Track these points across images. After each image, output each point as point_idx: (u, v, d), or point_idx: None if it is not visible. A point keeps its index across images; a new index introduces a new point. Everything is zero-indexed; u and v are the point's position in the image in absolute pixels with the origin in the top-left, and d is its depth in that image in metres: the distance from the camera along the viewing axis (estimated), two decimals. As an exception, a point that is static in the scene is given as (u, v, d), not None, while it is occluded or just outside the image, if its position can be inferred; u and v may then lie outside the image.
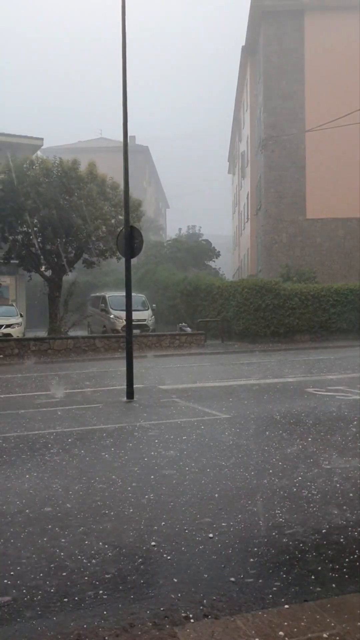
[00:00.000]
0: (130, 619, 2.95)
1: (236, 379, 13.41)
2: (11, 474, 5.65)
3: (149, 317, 23.84)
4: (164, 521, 4.30)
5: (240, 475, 5.42)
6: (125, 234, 11.01)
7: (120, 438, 7.21)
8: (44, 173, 21.14)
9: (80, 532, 4.12)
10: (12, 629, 2.90)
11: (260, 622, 2.83)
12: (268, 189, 32.47)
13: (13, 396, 11.24)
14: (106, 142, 54.22)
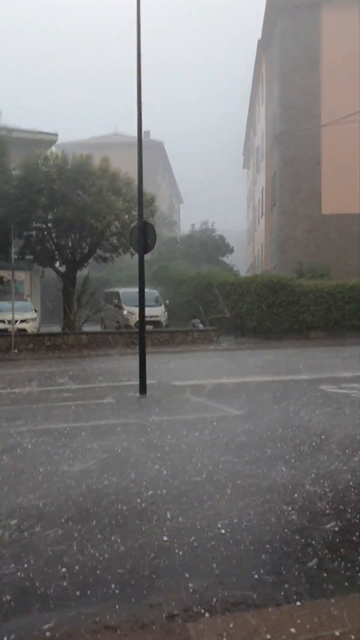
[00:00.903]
0: (142, 614, 2.95)
1: (249, 375, 13.38)
2: (24, 467, 5.68)
3: (162, 313, 23.85)
4: (176, 516, 4.30)
5: (252, 472, 5.40)
6: (138, 229, 11.01)
7: (132, 433, 7.23)
8: (58, 169, 21.20)
9: (92, 525, 4.14)
10: (24, 621, 2.92)
11: (272, 619, 2.83)
12: (283, 184, 32.32)
13: (28, 390, 11.30)
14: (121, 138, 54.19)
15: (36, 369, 15.16)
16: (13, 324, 20.07)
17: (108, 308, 25.17)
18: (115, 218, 21.44)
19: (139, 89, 10.94)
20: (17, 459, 6.00)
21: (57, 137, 30.48)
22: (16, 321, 20.38)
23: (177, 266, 31.02)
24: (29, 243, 22.24)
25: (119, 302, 23.94)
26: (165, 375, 13.15)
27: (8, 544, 3.86)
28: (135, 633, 2.75)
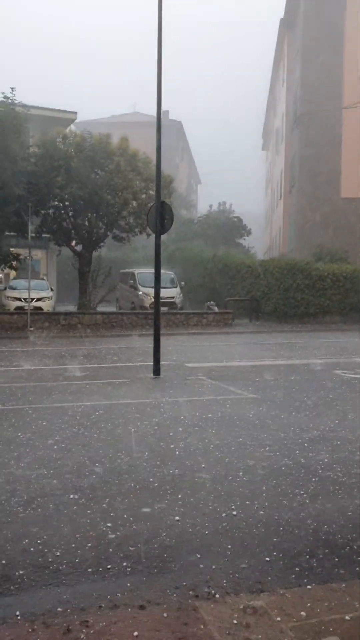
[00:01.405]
0: (153, 592, 2.98)
1: (263, 359, 13.35)
2: (40, 444, 5.73)
3: (177, 295, 23.80)
4: (188, 496, 4.32)
5: (265, 455, 5.41)
6: (155, 209, 10.95)
7: (146, 413, 7.25)
8: (76, 147, 21.11)
9: (105, 504, 4.17)
10: (37, 595, 2.95)
11: (283, 601, 2.84)
12: (302, 166, 31.94)
13: (43, 368, 11.38)
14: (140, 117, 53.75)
15: (51, 348, 15.25)
16: (29, 302, 20.17)
17: (123, 288, 25.16)
18: (133, 196, 21.33)
19: (159, 68, 10.80)
20: (32, 435, 6.05)
21: (76, 115, 30.28)
22: (32, 299, 20.47)
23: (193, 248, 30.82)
24: (46, 221, 22.24)
25: (135, 283, 23.92)
26: (179, 357, 13.16)
27: (18, 516, 3.90)
28: (146, 611, 2.78)
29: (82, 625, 2.63)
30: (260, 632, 2.56)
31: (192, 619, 2.67)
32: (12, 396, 8.37)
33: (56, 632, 2.58)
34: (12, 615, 2.77)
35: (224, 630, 2.58)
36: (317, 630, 2.58)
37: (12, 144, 19.14)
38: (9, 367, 11.65)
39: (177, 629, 2.59)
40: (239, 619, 2.67)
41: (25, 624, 2.67)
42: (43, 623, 2.67)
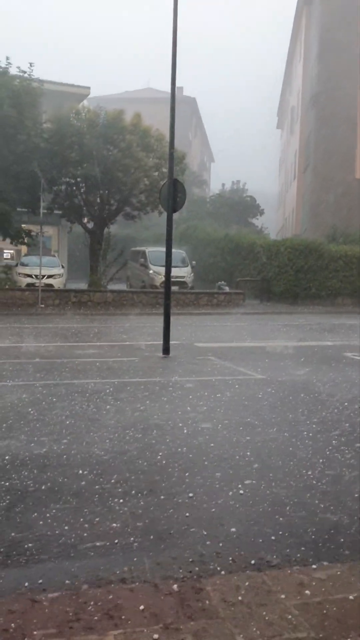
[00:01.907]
0: (159, 568, 3.02)
1: (273, 340, 13.34)
2: (50, 420, 5.78)
3: (188, 274, 23.74)
4: (195, 474, 4.35)
5: (273, 435, 5.43)
6: (168, 187, 10.87)
7: (155, 392, 7.29)
8: (89, 123, 20.96)
9: (113, 480, 4.21)
10: (43, 568, 3.00)
11: (287, 580, 2.87)
12: (318, 146, 31.53)
13: (53, 345, 11.44)
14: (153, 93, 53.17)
15: (62, 325, 15.31)
16: (40, 279, 20.22)
17: (134, 267, 25.13)
18: (145, 175, 21.21)
19: (174, 43, 10.64)
20: (42, 412, 6.11)
21: (89, 90, 30.03)
22: (43, 276, 20.52)
23: (205, 226, 30.66)
24: (58, 198, 22.19)
25: (145, 262, 23.88)
26: (189, 337, 13.18)
27: (27, 490, 3.95)
28: (151, 585, 2.82)
29: (89, 598, 2.68)
30: (265, 609, 2.59)
31: (197, 595, 2.71)
32: (22, 372, 8.43)
33: (64, 604, 2.63)
34: (21, 587, 2.82)
35: (229, 606, 2.61)
36: (321, 609, 2.61)
37: (26, 119, 19.06)
38: (20, 343, 11.72)
39: (182, 604, 2.63)
40: (244, 595, 2.71)
41: (33, 597, 2.72)
42: (51, 595, 2.71)
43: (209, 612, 2.57)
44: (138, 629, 2.43)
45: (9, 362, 9.22)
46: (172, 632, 2.41)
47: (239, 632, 2.42)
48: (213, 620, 2.50)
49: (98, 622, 2.48)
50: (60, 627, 2.44)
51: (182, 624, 2.47)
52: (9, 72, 19.40)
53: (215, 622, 2.49)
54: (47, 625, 2.45)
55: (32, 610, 2.56)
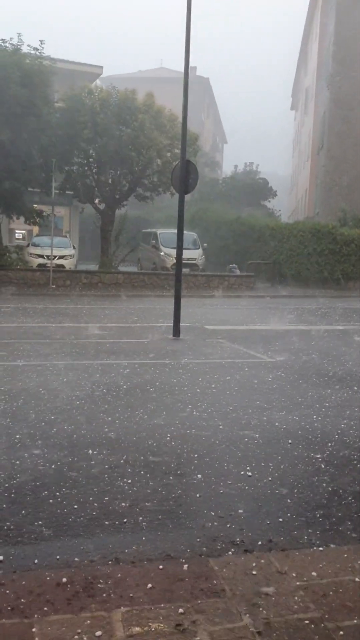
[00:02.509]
0: (167, 547, 3.05)
1: (284, 323, 13.31)
2: (60, 402, 5.82)
3: (199, 257, 23.66)
4: (204, 456, 4.38)
5: (282, 418, 5.44)
6: (180, 168, 10.80)
7: (164, 374, 7.31)
8: (102, 103, 20.80)
9: (122, 461, 4.25)
10: (54, 545, 3.05)
11: (294, 561, 2.89)
12: (332, 127, 31.12)
13: (64, 326, 11.48)
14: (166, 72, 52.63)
15: (73, 306, 15.36)
16: (52, 259, 20.23)
17: (145, 249, 25.08)
18: (157, 155, 21.07)
19: (188, 22, 10.49)
20: (52, 392, 6.15)
21: (102, 69, 29.77)
22: (55, 257, 20.53)
23: (217, 208, 30.47)
24: (70, 178, 22.11)
25: (157, 243, 23.81)
26: (200, 319, 13.18)
27: (37, 469, 4.00)
28: (160, 565, 2.85)
29: (98, 576, 2.71)
30: (271, 589, 2.62)
31: (204, 574, 2.74)
32: (33, 353, 8.48)
33: (73, 581, 2.67)
34: (31, 564, 2.86)
35: (237, 585, 2.64)
36: (327, 590, 2.63)
37: (38, 98, 18.94)
38: (31, 324, 11.78)
39: (190, 583, 2.66)
40: (251, 576, 2.73)
41: (43, 573, 2.76)
42: (60, 572, 2.75)
43: (216, 591, 2.60)
44: (146, 606, 2.47)
45: (20, 342, 9.28)
46: (179, 611, 2.44)
47: (245, 611, 2.44)
48: (220, 599, 2.53)
49: (106, 600, 2.51)
50: (69, 604, 2.47)
51: (189, 603, 2.50)
52: (20, 50, 19.24)
53: (222, 601, 2.52)
54: (56, 601, 2.49)
55: (41, 587, 2.60)
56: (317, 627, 2.36)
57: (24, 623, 2.33)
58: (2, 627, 2.31)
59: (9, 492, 3.67)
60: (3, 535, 3.14)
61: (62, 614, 2.40)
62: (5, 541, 3.08)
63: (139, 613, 2.42)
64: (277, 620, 2.39)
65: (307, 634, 2.31)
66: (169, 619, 2.38)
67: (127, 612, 2.42)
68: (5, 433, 4.77)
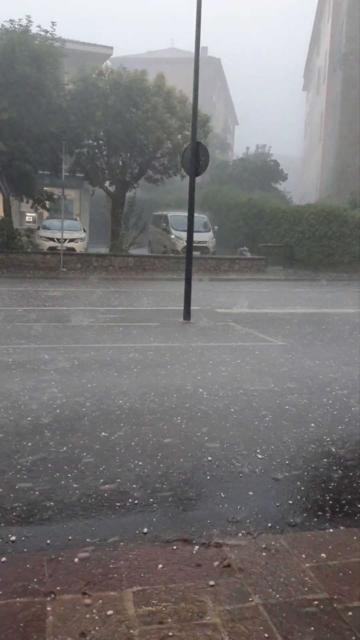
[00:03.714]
0: (178, 529, 3.08)
1: (295, 306, 13.26)
2: (70, 384, 5.86)
3: (210, 239, 23.55)
4: (215, 438, 4.40)
5: (293, 401, 5.44)
6: (191, 150, 10.72)
7: (175, 356, 7.32)
8: (112, 84, 20.62)
9: (134, 443, 4.27)
10: (65, 527, 3.08)
11: (304, 543, 2.91)
12: (344, 108, 30.72)
13: (75, 309, 11.52)
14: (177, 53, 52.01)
15: (84, 289, 15.38)
16: (62, 242, 20.23)
17: (156, 231, 24.99)
18: (167, 137, 20.90)
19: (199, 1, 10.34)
20: (63, 375, 6.19)
21: (112, 50, 29.50)
22: (65, 240, 20.52)
23: (228, 191, 30.24)
24: (80, 160, 22.01)
25: (167, 226, 23.71)
26: (210, 302, 13.16)
27: (49, 450, 4.03)
28: (170, 546, 2.88)
29: (110, 557, 2.75)
30: (281, 570, 2.64)
31: (215, 555, 2.77)
32: (45, 336, 8.52)
33: (84, 561, 2.70)
34: (43, 544, 2.90)
35: (247, 567, 2.66)
36: (336, 571, 2.64)
37: (48, 79, 18.81)
38: (42, 307, 11.82)
39: (200, 564, 2.69)
40: (261, 557, 2.76)
41: (55, 553, 2.80)
42: (71, 553, 2.79)
43: (227, 572, 2.62)
44: (157, 586, 2.50)
45: (32, 325, 9.32)
46: (189, 591, 2.47)
47: (255, 592, 2.47)
48: (230, 580, 2.56)
49: (117, 580, 2.55)
50: (81, 584, 2.51)
51: (200, 583, 2.53)
52: (30, 31, 19.07)
53: (232, 582, 2.54)
54: (67, 581, 2.53)
55: (53, 567, 2.64)
56: (326, 608, 2.38)
57: (36, 602, 2.37)
58: (16, 605, 2.35)
59: (20, 472, 3.71)
60: (15, 516, 3.18)
61: (75, 594, 2.43)
62: (18, 522, 3.12)
63: (150, 593, 2.45)
64: (287, 601, 2.41)
65: (317, 615, 2.33)
66: (180, 599, 2.41)
67: (138, 592, 2.45)
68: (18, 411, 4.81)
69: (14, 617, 2.27)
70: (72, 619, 2.26)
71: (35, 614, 2.29)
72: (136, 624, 2.24)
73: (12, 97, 18.01)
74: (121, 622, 2.25)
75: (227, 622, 2.26)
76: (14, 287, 14.85)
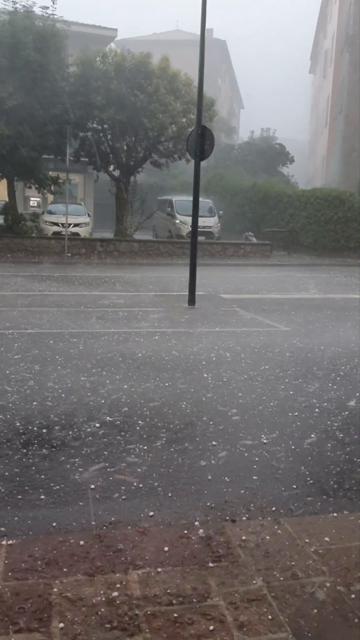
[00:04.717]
0: (182, 512, 3.11)
1: (300, 292, 13.23)
2: (72, 370, 5.88)
3: (215, 224, 23.46)
4: (219, 423, 4.42)
5: (297, 386, 5.45)
6: (196, 134, 10.64)
7: (180, 342, 7.33)
8: (116, 67, 20.43)
9: (139, 427, 4.30)
10: (71, 510, 3.11)
11: (307, 527, 2.93)
12: (351, 91, 30.37)
13: (79, 294, 11.52)
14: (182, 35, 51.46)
15: (88, 274, 15.37)
16: (67, 227, 20.18)
17: (160, 216, 24.88)
18: (171, 121, 20.73)
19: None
20: (68, 359, 6.21)
21: (116, 32, 29.22)
22: (70, 224, 20.47)
23: (233, 175, 30.06)
24: (84, 145, 21.88)
25: (172, 211, 23.60)
26: (215, 288, 13.14)
27: (59, 431, 4.06)
28: (175, 529, 2.91)
29: (114, 540, 2.78)
30: (285, 554, 2.66)
31: (219, 539, 2.79)
32: (50, 320, 8.54)
33: (89, 544, 2.73)
34: (49, 527, 2.93)
35: (250, 550, 2.69)
36: (339, 555, 2.67)
37: (52, 63, 18.64)
38: (47, 292, 11.82)
39: (205, 547, 2.71)
40: (265, 541, 2.78)
41: (61, 536, 2.83)
42: (79, 534, 2.82)
43: (230, 555, 2.65)
44: (161, 569, 2.53)
45: (36, 310, 9.34)
46: (194, 573, 2.50)
47: (258, 575, 2.49)
48: (234, 563, 2.58)
49: (123, 562, 2.58)
50: (86, 566, 2.54)
51: (204, 566, 2.55)
52: (33, 12, 18.85)
53: (235, 565, 2.57)
54: (74, 563, 2.56)
55: (59, 549, 2.67)
56: (330, 591, 2.40)
57: (43, 584, 2.40)
58: (22, 587, 2.38)
59: (23, 454, 3.74)
60: (21, 499, 3.22)
61: (80, 576, 2.47)
62: (23, 505, 3.15)
63: (154, 575, 2.48)
64: (290, 584, 2.44)
65: (320, 598, 2.36)
66: (184, 581, 2.44)
67: (143, 574, 2.48)
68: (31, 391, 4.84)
69: (21, 598, 2.30)
70: (78, 601, 2.29)
71: (42, 595, 2.32)
72: (141, 606, 2.27)
73: (16, 81, 17.86)
74: (126, 603, 2.28)
75: (231, 604, 2.29)
76: (18, 272, 14.85)
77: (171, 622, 2.18)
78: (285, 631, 2.15)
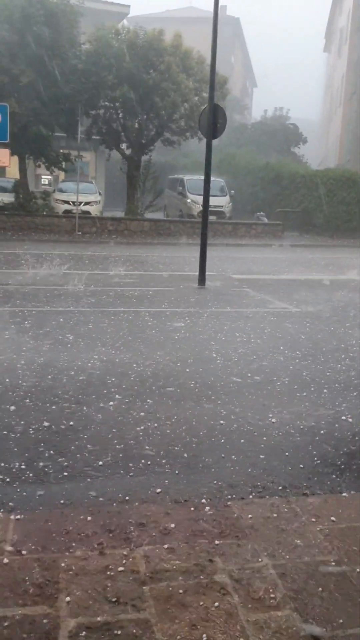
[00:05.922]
0: (189, 491, 3.12)
1: (311, 273, 13.15)
2: (85, 347, 5.89)
3: (227, 204, 23.28)
4: (228, 402, 4.42)
5: (307, 367, 5.44)
6: (208, 112, 10.52)
7: (190, 321, 7.33)
8: (129, 44, 20.16)
9: (147, 405, 4.31)
10: (82, 485, 3.14)
11: (314, 506, 2.93)
12: (366, 70, 29.83)
13: (90, 273, 11.51)
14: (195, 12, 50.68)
15: (99, 253, 15.35)
16: (77, 205, 20.11)
17: (171, 195, 24.71)
18: (184, 99, 20.49)
19: None
20: (77, 337, 6.22)
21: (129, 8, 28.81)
22: (80, 203, 20.39)
23: (245, 154, 29.74)
24: (96, 122, 21.71)
25: (183, 190, 23.43)
26: (225, 268, 13.09)
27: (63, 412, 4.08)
28: (182, 506, 2.92)
29: (122, 516, 2.79)
30: (291, 532, 2.67)
31: (226, 516, 2.80)
32: (61, 299, 8.55)
33: (97, 520, 2.75)
34: (57, 502, 2.96)
35: (256, 528, 2.70)
36: (345, 534, 2.67)
37: (64, 40, 18.43)
38: (58, 270, 11.82)
39: (212, 525, 2.72)
40: (271, 519, 2.79)
41: (69, 512, 2.85)
42: (88, 510, 2.84)
43: (237, 533, 2.66)
44: (168, 545, 2.54)
45: (47, 289, 9.34)
46: (200, 550, 2.51)
47: (265, 553, 2.50)
48: (241, 541, 2.59)
49: (129, 538, 2.59)
50: (93, 541, 2.56)
51: (210, 543, 2.57)
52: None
53: (242, 542, 2.58)
54: (80, 539, 2.58)
55: (66, 525, 2.69)
56: (335, 570, 2.41)
57: (51, 558, 2.43)
58: (30, 561, 2.40)
59: (33, 433, 3.76)
60: (31, 475, 3.24)
61: (88, 551, 2.48)
62: (33, 481, 3.18)
63: (161, 552, 2.49)
64: (296, 562, 2.45)
65: (325, 576, 2.36)
66: (190, 558, 2.46)
67: (149, 551, 2.50)
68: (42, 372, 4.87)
69: (29, 572, 2.33)
70: (85, 575, 2.31)
71: (50, 569, 2.35)
72: (147, 582, 2.28)
73: (27, 58, 17.70)
74: (132, 579, 2.30)
75: (236, 582, 2.30)
76: (29, 250, 14.85)
77: (176, 598, 2.20)
78: (290, 609, 2.16)
